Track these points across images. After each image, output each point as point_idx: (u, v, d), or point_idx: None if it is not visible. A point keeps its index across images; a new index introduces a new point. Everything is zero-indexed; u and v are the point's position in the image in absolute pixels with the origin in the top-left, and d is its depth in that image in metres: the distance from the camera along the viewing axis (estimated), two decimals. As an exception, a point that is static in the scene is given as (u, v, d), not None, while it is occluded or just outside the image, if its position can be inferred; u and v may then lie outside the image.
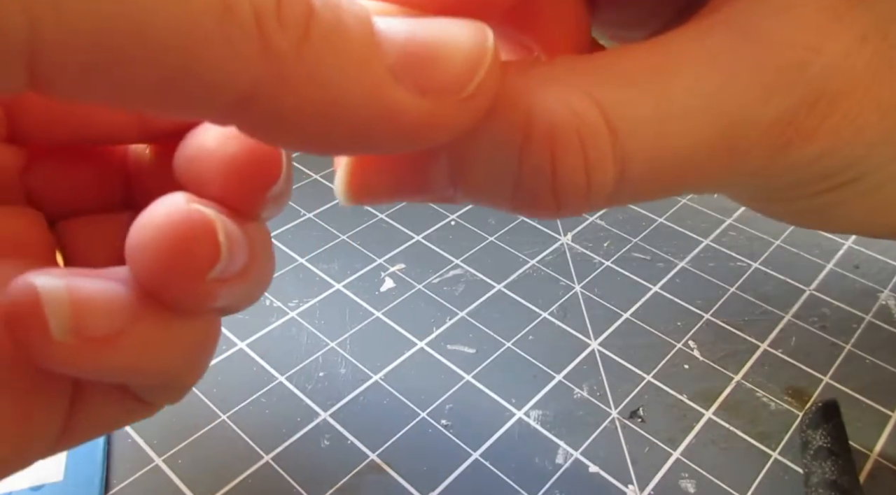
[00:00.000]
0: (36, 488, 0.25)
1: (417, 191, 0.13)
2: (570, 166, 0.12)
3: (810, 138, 0.13)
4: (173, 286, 0.12)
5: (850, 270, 0.37)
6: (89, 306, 0.11)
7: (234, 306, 0.14)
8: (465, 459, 0.27)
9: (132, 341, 0.12)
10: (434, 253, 0.37)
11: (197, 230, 0.11)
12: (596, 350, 0.32)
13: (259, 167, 0.13)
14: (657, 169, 0.12)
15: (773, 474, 0.27)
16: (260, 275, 0.14)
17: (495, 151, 0.12)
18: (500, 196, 0.13)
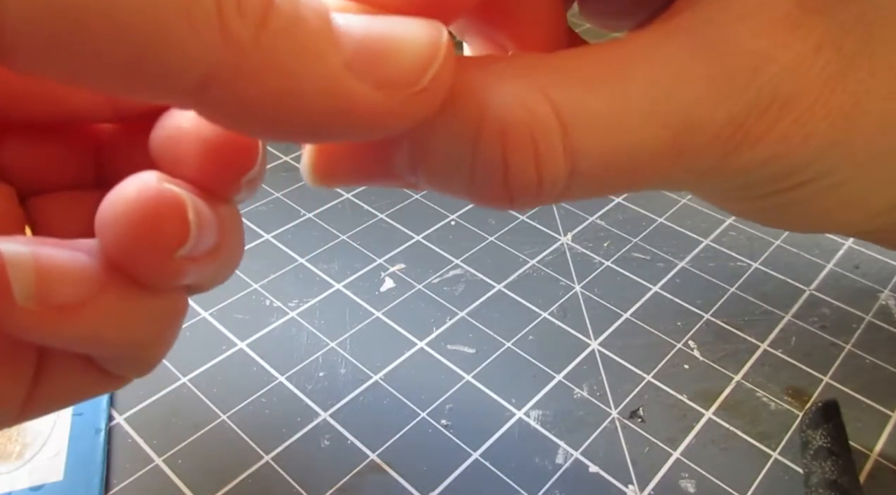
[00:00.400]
0: (36, 488, 0.25)
1: (380, 176, 0.14)
2: (521, 160, 0.12)
3: (759, 142, 0.13)
4: (141, 262, 0.12)
5: (850, 270, 0.37)
6: (54, 273, 0.11)
7: (202, 285, 0.14)
8: (465, 459, 0.27)
9: (96, 311, 0.12)
10: (434, 253, 0.37)
11: (167, 208, 0.11)
12: (596, 350, 0.32)
13: (235, 151, 0.13)
14: (608, 166, 0.13)
15: (773, 474, 0.27)
16: (229, 255, 0.14)
17: (451, 143, 0.12)
18: (457, 186, 0.13)
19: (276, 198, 0.40)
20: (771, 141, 0.13)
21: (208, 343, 0.31)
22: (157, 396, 0.29)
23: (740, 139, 0.13)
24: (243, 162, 0.13)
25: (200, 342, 0.31)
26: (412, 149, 0.13)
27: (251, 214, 0.39)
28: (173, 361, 0.30)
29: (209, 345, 0.31)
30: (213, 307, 0.33)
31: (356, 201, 0.40)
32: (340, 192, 0.41)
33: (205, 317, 0.32)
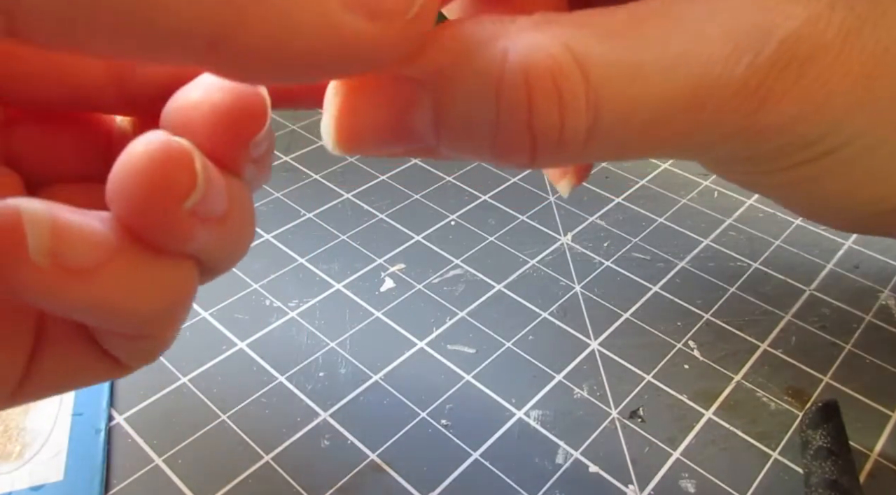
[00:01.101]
0: (36, 488, 0.25)
1: (401, 139, 0.14)
2: (545, 103, 0.12)
3: (782, 100, 0.13)
4: (150, 215, 0.12)
5: (850, 270, 0.37)
6: (69, 233, 0.11)
7: (211, 261, 0.14)
8: (465, 459, 0.27)
9: (108, 276, 0.12)
10: (434, 253, 0.37)
11: (173, 156, 0.12)
12: (596, 350, 0.32)
13: (243, 115, 0.13)
14: (629, 119, 0.13)
15: (773, 474, 0.27)
16: (239, 231, 0.14)
17: (474, 88, 0.13)
18: (480, 136, 0.13)
19: (276, 198, 0.40)
20: (794, 99, 0.13)
21: (208, 343, 0.31)
22: (157, 396, 0.29)
23: (763, 96, 0.13)
24: (251, 124, 0.13)
25: (200, 342, 0.31)
26: (435, 102, 0.13)
27: (251, 214, 0.39)
28: (173, 361, 0.30)
29: (209, 345, 0.31)
30: (213, 307, 0.33)
31: (356, 201, 0.40)
32: (340, 192, 0.41)
33: (205, 317, 0.32)
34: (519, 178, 0.43)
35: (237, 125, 0.13)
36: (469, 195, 0.41)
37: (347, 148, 0.14)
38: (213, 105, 0.13)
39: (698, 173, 0.44)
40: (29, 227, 0.11)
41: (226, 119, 0.13)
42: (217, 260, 0.14)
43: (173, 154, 0.12)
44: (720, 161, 0.16)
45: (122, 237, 0.12)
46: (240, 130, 0.13)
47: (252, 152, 0.14)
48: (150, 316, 0.13)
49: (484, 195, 0.41)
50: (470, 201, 0.41)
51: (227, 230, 0.13)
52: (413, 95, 0.13)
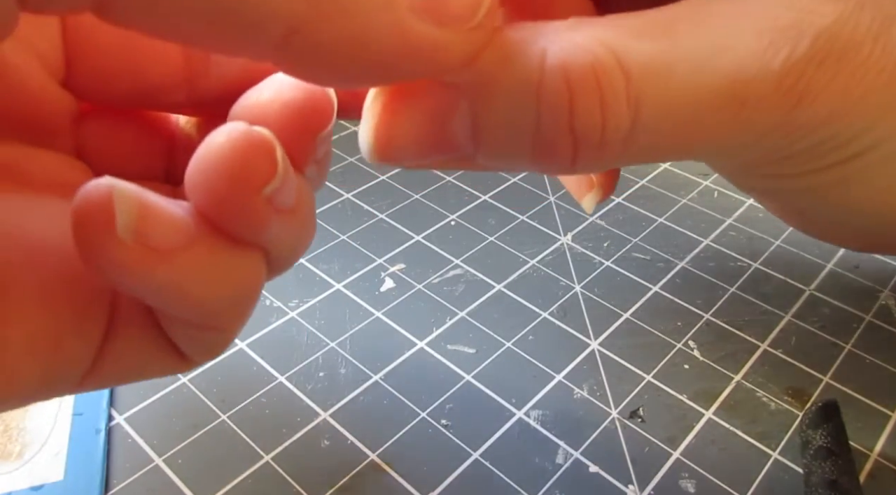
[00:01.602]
0: (36, 488, 0.25)
1: (439, 146, 0.14)
2: (587, 102, 0.12)
3: (820, 96, 0.13)
4: (230, 200, 0.12)
5: (850, 270, 0.37)
6: (154, 214, 0.12)
7: (279, 253, 0.14)
8: (465, 459, 0.27)
9: (186, 261, 0.12)
10: (434, 253, 0.37)
11: (256, 144, 0.12)
12: (596, 350, 0.32)
13: (313, 111, 0.14)
14: (669, 116, 0.13)
15: (773, 474, 0.27)
16: (305, 226, 0.14)
17: (513, 90, 0.13)
18: (519, 143, 0.13)
19: (276, 198, 0.40)
20: (832, 95, 0.13)
21: (208, 343, 0.31)
22: (157, 396, 0.29)
23: (802, 91, 0.13)
24: (319, 121, 0.14)
25: (200, 342, 0.31)
26: (473, 107, 0.13)
27: (251, 214, 0.39)
28: (173, 361, 0.30)
29: (209, 345, 0.31)
30: (213, 307, 0.33)
31: (356, 201, 0.40)
32: (340, 192, 0.41)
33: (205, 317, 0.32)
34: (519, 178, 0.43)
35: (307, 121, 0.14)
36: (469, 195, 0.41)
37: (385, 156, 0.14)
38: (284, 102, 0.13)
39: (698, 173, 0.44)
40: (118, 205, 0.11)
41: (297, 114, 0.13)
42: (284, 253, 0.14)
43: (256, 141, 0.12)
44: (753, 164, 0.16)
45: (200, 224, 0.12)
46: (309, 126, 0.14)
47: (317, 149, 0.14)
48: (220, 304, 0.13)
49: (484, 195, 0.41)
50: (470, 201, 0.41)
51: (296, 222, 0.14)
52: (452, 102, 0.13)
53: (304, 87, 0.14)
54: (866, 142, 0.14)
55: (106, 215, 0.11)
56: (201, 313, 0.13)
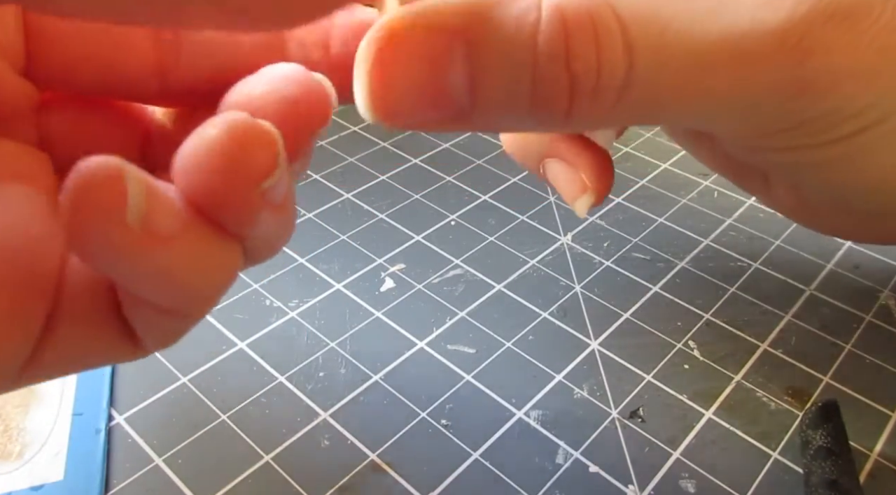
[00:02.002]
0: (36, 488, 0.25)
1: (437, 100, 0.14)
2: (584, 46, 0.12)
3: (827, 54, 0.13)
4: (228, 191, 0.12)
5: (850, 270, 0.37)
6: (158, 199, 0.11)
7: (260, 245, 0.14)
8: (465, 459, 0.27)
9: (179, 247, 0.12)
10: (434, 253, 0.37)
11: (260, 137, 0.12)
12: (596, 350, 0.32)
13: (313, 107, 0.13)
14: (665, 68, 0.13)
15: (773, 474, 0.27)
16: (289, 220, 0.14)
17: (511, 34, 0.12)
18: (516, 89, 0.13)
19: (276, 198, 0.40)
20: (839, 53, 0.13)
21: (208, 343, 0.31)
22: (157, 396, 0.29)
23: (807, 48, 0.13)
24: (319, 117, 0.13)
25: (200, 342, 0.31)
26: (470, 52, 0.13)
27: (251, 214, 0.39)
28: (173, 361, 0.30)
29: (209, 345, 0.31)
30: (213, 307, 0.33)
31: (356, 201, 0.40)
32: (340, 192, 0.41)
33: (205, 317, 0.32)
34: (519, 178, 0.43)
35: (306, 116, 0.13)
36: (469, 195, 0.41)
37: (383, 112, 0.14)
38: (282, 96, 0.13)
39: (698, 173, 0.44)
40: (132, 187, 0.11)
41: (296, 109, 0.13)
42: (264, 246, 0.14)
43: (260, 134, 0.12)
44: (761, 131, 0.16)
45: (192, 211, 0.12)
46: (308, 121, 0.13)
47: (311, 145, 0.14)
48: (202, 291, 0.13)
49: (484, 195, 0.41)
50: (470, 201, 0.41)
51: (282, 217, 0.14)
52: (447, 47, 0.13)
53: (304, 81, 0.13)
54: (875, 115, 0.14)
55: (117, 197, 0.11)
56: (181, 299, 0.13)
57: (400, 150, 0.45)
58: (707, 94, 0.13)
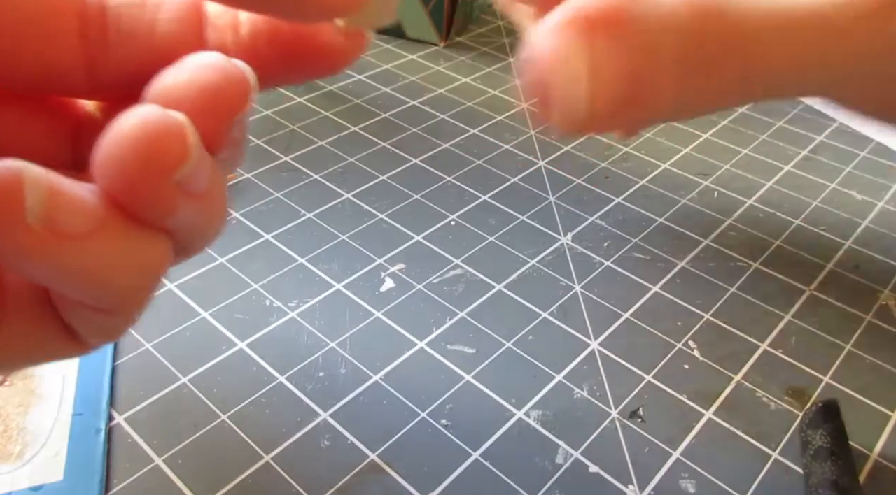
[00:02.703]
0: (36, 488, 0.25)
1: (639, 95, 0.14)
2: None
3: None
4: (141, 183, 0.12)
5: (850, 270, 0.37)
6: (64, 198, 0.11)
7: (188, 238, 0.14)
8: (465, 459, 0.27)
9: (94, 246, 0.12)
10: (434, 253, 0.37)
11: (169, 127, 0.12)
12: (596, 350, 0.32)
13: (231, 92, 0.13)
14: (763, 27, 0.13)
15: (773, 474, 0.27)
16: (216, 211, 0.14)
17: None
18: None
19: (276, 198, 0.40)
20: None
21: (208, 343, 0.31)
22: (157, 396, 0.29)
23: None
24: (237, 102, 0.13)
25: (200, 342, 0.31)
26: (694, 40, 0.13)
27: (251, 214, 0.39)
28: (173, 361, 0.30)
29: (209, 345, 0.31)
30: (213, 307, 0.33)
31: (356, 201, 0.40)
32: (340, 192, 0.41)
33: (205, 317, 0.32)
34: (519, 178, 0.43)
35: (224, 103, 0.13)
36: (469, 195, 0.41)
37: (599, 112, 0.14)
38: (201, 84, 0.13)
39: (698, 173, 0.44)
40: (29, 189, 0.11)
41: (213, 97, 0.13)
42: (193, 238, 0.14)
43: (169, 125, 0.12)
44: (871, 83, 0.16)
45: (108, 208, 0.12)
46: (226, 108, 0.13)
47: (234, 132, 0.14)
48: (127, 288, 0.13)
49: (484, 195, 0.41)
50: (470, 201, 0.41)
51: (208, 207, 0.14)
52: (659, 39, 0.13)
53: (222, 68, 0.13)
54: None
55: (15, 200, 0.11)
56: (107, 298, 0.13)
57: (400, 150, 0.45)
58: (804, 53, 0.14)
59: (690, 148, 0.47)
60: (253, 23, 0.15)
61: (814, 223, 0.41)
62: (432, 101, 0.50)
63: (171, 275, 0.34)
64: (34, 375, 0.29)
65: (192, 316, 0.32)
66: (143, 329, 0.31)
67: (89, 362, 0.30)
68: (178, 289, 0.34)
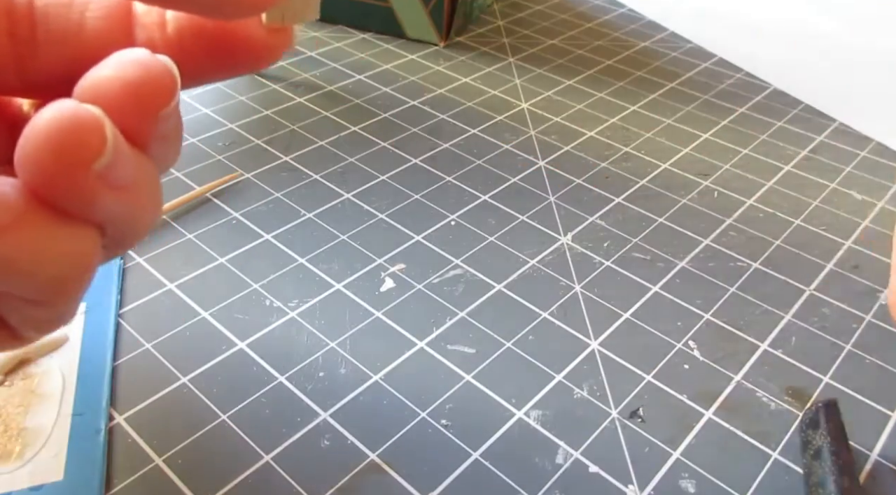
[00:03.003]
0: (36, 488, 0.25)
1: None
2: None
3: None
4: (60, 175, 0.12)
5: (850, 270, 0.37)
6: None
7: (115, 231, 0.14)
8: (465, 459, 0.27)
9: (15, 238, 0.12)
10: (434, 253, 0.37)
11: (84, 119, 0.12)
12: (596, 350, 0.32)
13: (153, 88, 0.14)
14: None
15: (773, 474, 0.27)
16: (144, 205, 0.14)
17: None
18: None
19: (276, 198, 0.40)
20: None
21: (208, 343, 0.31)
22: (157, 396, 0.29)
23: None
24: (160, 98, 0.14)
25: (200, 342, 0.31)
26: None
27: (251, 214, 0.39)
28: (173, 361, 0.30)
29: (209, 345, 0.31)
30: (213, 307, 0.33)
31: (356, 201, 0.40)
32: (340, 192, 0.41)
33: (205, 317, 0.32)
34: (519, 178, 0.43)
35: (147, 98, 0.14)
36: (469, 195, 0.41)
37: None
38: (123, 79, 0.13)
39: (698, 173, 0.44)
40: None
41: (136, 92, 0.13)
42: (123, 231, 0.14)
43: (84, 117, 0.12)
44: None
45: (29, 200, 0.13)
46: (149, 103, 0.14)
47: (160, 127, 0.14)
48: (51, 280, 0.13)
49: (484, 195, 0.41)
50: (470, 201, 0.41)
51: (133, 200, 0.14)
52: None
53: (144, 63, 0.14)
54: None
55: None
56: (33, 289, 0.13)
57: (400, 150, 0.45)
58: None
59: (690, 148, 0.47)
60: (178, 20, 0.15)
61: (814, 223, 0.41)
62: (432, 101, 0.50)
63: (171, 275, 0.34)
64: (34, 375, 0.29)
65: (192, 316, 0.32)
66: (144, 329, 0.31)
67: (89, 362, 0.30)
68: (178, 289, 0.34)
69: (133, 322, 0.32)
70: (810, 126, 0.50)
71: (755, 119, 0.51)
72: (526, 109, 0.50)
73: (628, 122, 0.49)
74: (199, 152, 0.43)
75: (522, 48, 0.59)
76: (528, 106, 0.51)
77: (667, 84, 0.55)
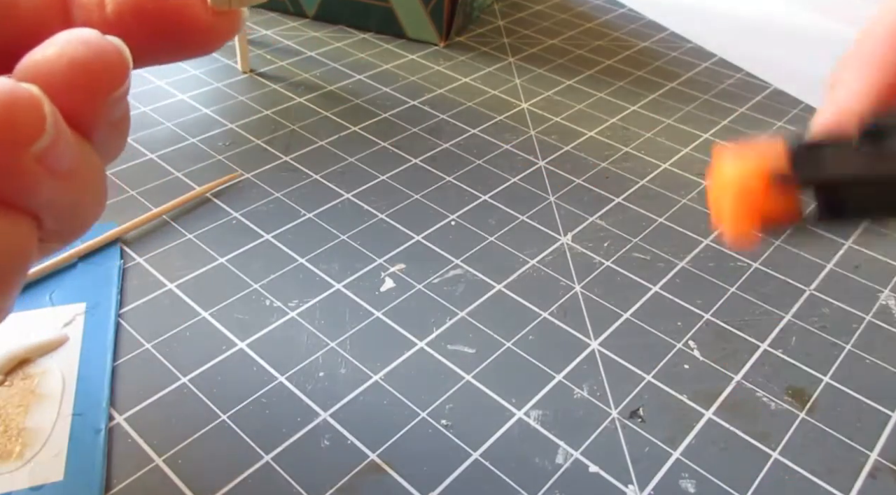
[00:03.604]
0: (36, 488, 0.25)
1: None
2: None
3: None
4: None
5: (850, 270, 0.37)
6: None
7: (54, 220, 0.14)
8: (465, 459, 0.27)
9: None
10: (434, 253, 0.37)
11: (21, 99, 0.12)
12: (596, 350, 0.32)
13: (102, 68, 0.13)
14: None
15: (773, 474, 0.27)
16: (86, 194, 0.14)
17: None
18: None
19: (276, 198, 0.40)
20: None
21: (208, 343, 0.31)
22: (157, 396, 0.29)
23: None
24: (110, 80, 0.13)
25: (200, 342, 0.31)
26: None
27: (251, 214, 0.39)
28: (173, 361, 0.30)
29: (209, 345, 0.31)
30: (213, 307, 0.33)
31: (356, 201, 0.40)
32: (340, 192, 0.41)
33: (205, 317, 0.32)
34: (519, 178, 0.43)
35: (95, 80, 0.13)
36: (469, 195, 0.41)
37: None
38: (71, 58, 0.13)
39: (698, 173, 0.44)
40: None
41: (84, 73, 0.13)
42: (62, 222, 0.14)
43: (21, 97, 0.12)
44: None
45: None
46: (97, 85, 0.13)
47: (109, 112, 0.14)
48: None
49: (484, 195, 0.41)
50: (470, 201, 0.41)
51: (75, 187, 0.13)
52: None
53: (94, 43, 0.13)
54: None
55: None
56: None
57: (400, 150, 0.45)
58: None
59: (690, 148, 0.47)
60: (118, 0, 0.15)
61: (814, 223, 0.41)
62: (432, 101, 0.50)
63: (171, 275, 0.34)
64: (34, 375, 0.29)
65: (192, 316, 0.32)
66: (144, 329, 0.31)
67: (89, 362, 0.30)
68: (178, 289, 0.34)
69: (133, 322, 0.32)
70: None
71: (755, 119, 0.51)
72: (526, 109, 0.50)
73: (628, 122, 0.49)
74: (199, 152, 0.43)
75: (522, 48, 0.59)
76: (528, 106, 0.51)
77: (667, 84, 0.55)
